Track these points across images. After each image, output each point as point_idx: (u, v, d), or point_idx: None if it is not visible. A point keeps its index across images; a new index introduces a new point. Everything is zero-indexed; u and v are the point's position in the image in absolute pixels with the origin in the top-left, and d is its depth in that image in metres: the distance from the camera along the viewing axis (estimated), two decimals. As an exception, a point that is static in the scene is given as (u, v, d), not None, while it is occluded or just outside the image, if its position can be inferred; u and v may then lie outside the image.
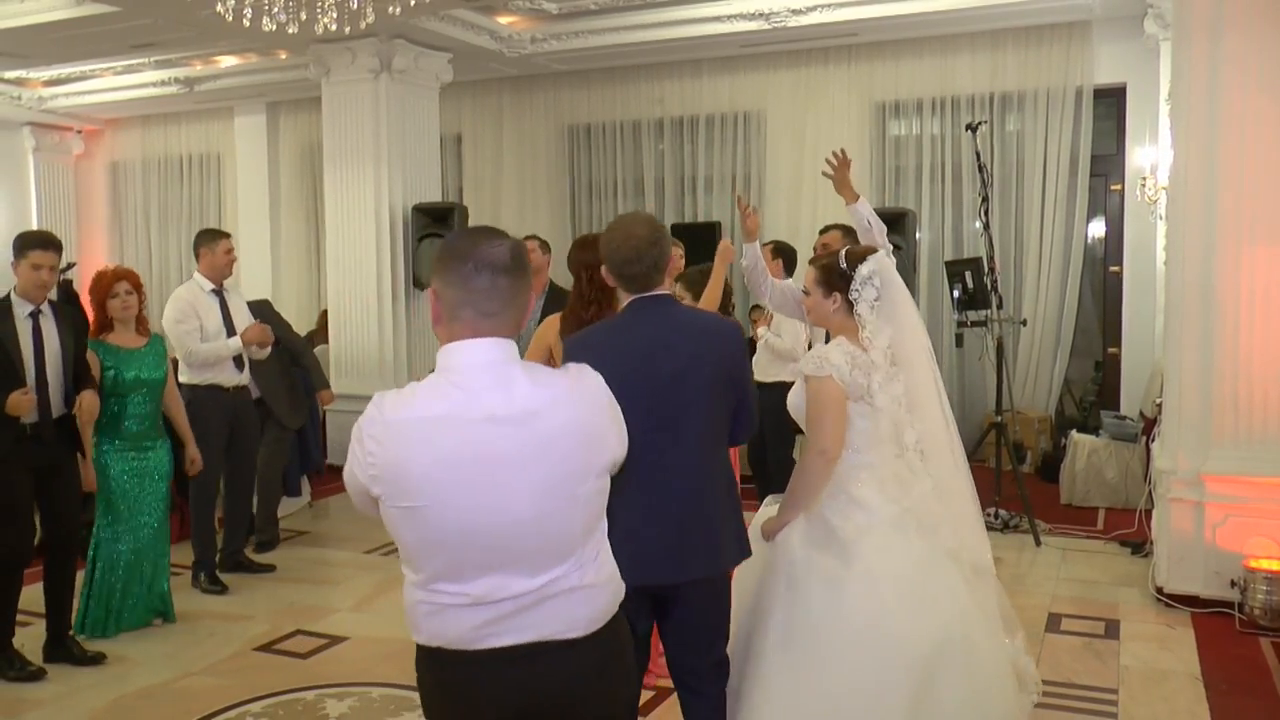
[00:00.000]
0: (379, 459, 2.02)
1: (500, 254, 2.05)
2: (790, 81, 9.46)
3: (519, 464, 2.01)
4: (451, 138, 10.58)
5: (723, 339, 3.06)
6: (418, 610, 2.10)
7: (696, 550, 2.99)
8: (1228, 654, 4.80)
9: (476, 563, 2.03)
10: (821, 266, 3.40)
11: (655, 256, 3.00)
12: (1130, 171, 8.46)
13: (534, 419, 2.03)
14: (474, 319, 2.05)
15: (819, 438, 3.23)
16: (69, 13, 7.73)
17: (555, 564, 2.08)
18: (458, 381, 2.03)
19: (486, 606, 2.04)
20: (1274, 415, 5.16)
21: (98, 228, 12.89)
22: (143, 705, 4.42)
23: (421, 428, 2.01)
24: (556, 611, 2.08)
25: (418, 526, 2.02)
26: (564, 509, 2.07)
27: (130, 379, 5.06)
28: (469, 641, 2.06)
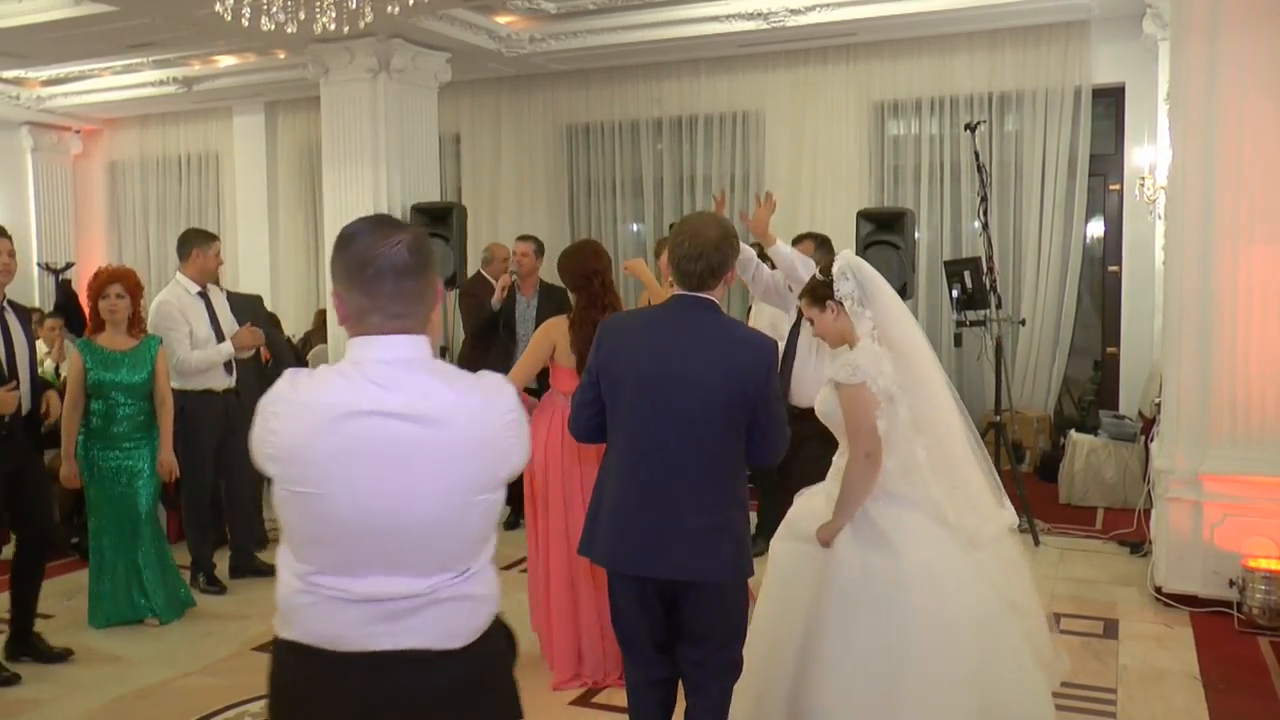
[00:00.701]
0: (279, 438, 1.95)
1: (400, 255, 1.98)
2: (789, 81, 9.46)
3: (425, 465, 1.95)
4: (450, 137, 10.57)
5: (748, 355, 3.01)
6: (295, 602, 2.00)
7: (669, 548, 3.00)
8: (1226, 653, 4.80)
9: (367, 559, 1.96)
10: (805, 292, 3.62)
11: (716, 261, 3.04)
12: (1129, 171, 8.46)
13: (445, 422, 1.97)
14: (382, 323, 1.99)
15: (862, 441, 3.35)
16: (67, 12, 7.72)
17: (445, 569, 2.00)
18: (371, 375, 1.97)
19: (371, 605, 1.96)
20: (1272, 415, 5.16)
21: (96, 228, 12.88)
22: (140, 705, 4.41)
23: (325, 414, 1.94)
24: (440, 618, 2.00)
25: (310, 514, 1.95)
26: (463, 515, 2.01)
27: (110, 381, 5.09)
28: (345, 641, 1.97)
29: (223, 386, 5.86)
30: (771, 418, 3.04)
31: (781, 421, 3.09)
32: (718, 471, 3.02)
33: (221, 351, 5.78)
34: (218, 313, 5.89)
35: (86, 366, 5.07)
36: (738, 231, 3.21)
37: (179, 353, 5.64)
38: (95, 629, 5.19)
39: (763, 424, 3.03)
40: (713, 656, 3.13)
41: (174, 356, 5.62)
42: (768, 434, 3.06)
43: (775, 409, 3.06)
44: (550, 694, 4.37)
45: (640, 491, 3.03)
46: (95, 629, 5.19)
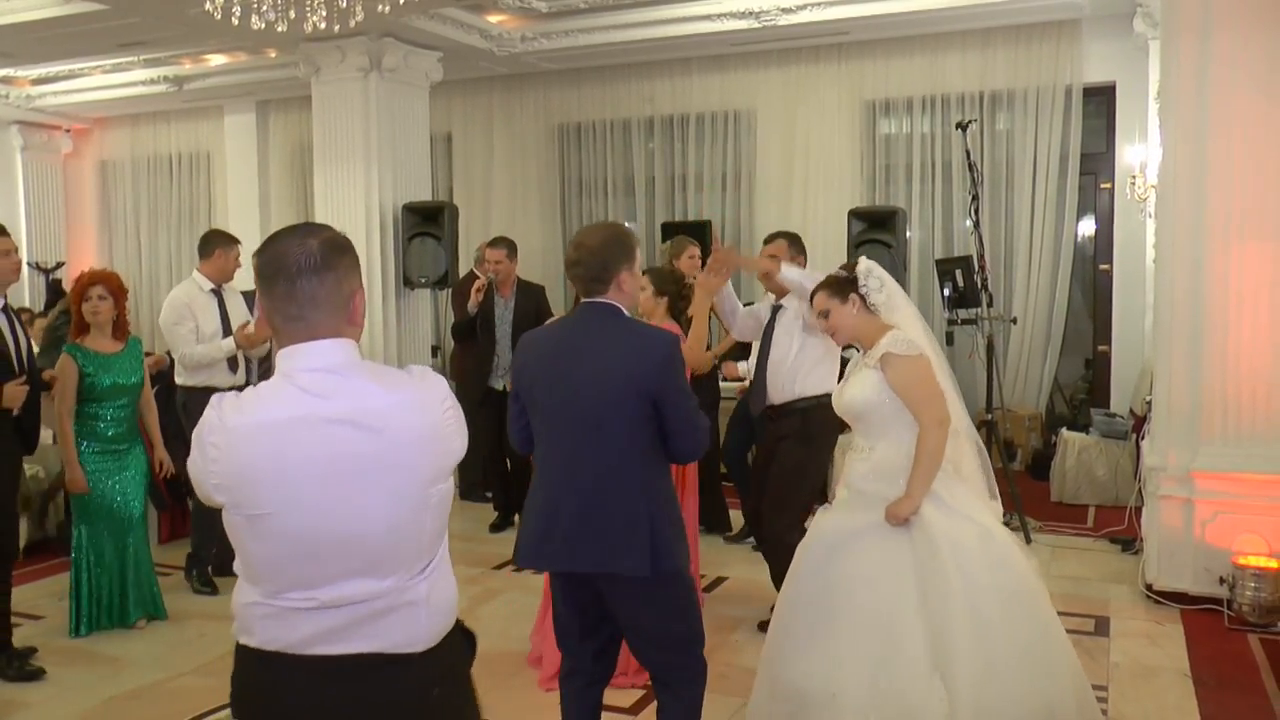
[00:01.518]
0: (222, 467, 1.92)
1: (296, 258, 1.96)
2: (780, 80, 9.46)
3: (370, 469, 1.92)
4: (441, 136, 10.56)
5: (642, 351, 3.05)
6: (253, 612, 1.98)
7: (589, 545, 3.05)
8: (1217, 650, 4.82)
9: (326, 570, 1.94)
10: (825, 284, 3.68)
11: (596, 267, 3.11)
12: (1120, 169, 8.48)
13: (383, 422, 1.94)
14: (282, 324, 1.97)
15: (932, 409, 3.45)
16: (57, 10, 7.69)
17: (404, 570, 1.99)
18: (302, 384, 1.94)
19: (333, 611, 1.95)
20: (1262, 412, 5.18)
21: (87, 227, 12.85)
22: (133, 706, 4.41)
23: (266, 433, 1.91)
24: (397, 624, 1.99)
25: (265, 536, 1.93)
26: (416, 514, 2.00)
27: (108, 385, 5.06)
28: (300, 646, 1.96)
29: (227, 384, 5.86)
30: (678, 410, 3.05)
31: (690, 413, 3.08)
32: (629, 468, 3.05)
33: (222, 348, 5.80)
34: (229, 311, 5.95)
35: (85, 372, 5.02)
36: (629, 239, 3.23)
37: (183, 347, 5.72)
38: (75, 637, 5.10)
39: (670, 417, 3.05)
40: (652, 654, 3.19)
41: (178, 351, 5.73)
42: (679, 427, 3.07)
43: (680, 401, 3.06)
44: (539, 694, 4.37)
45: (557, 491, 3.12)
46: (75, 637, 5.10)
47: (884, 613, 3.39)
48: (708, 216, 9.68)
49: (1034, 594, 3.45)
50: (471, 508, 7.05)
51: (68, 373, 5.03)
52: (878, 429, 3.55)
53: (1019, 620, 3.37)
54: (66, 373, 5.03)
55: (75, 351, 5.06)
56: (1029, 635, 3.38)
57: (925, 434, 3.42)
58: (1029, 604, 3.42)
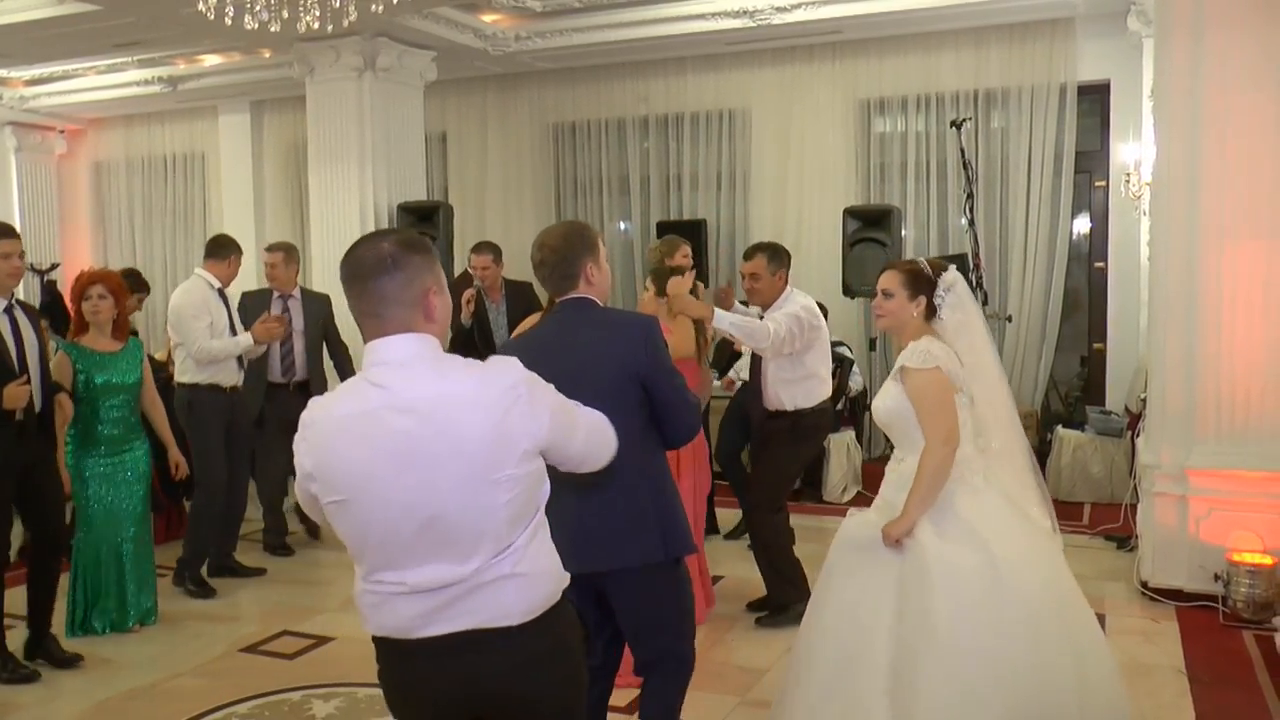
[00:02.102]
0: (308, 457, 2.13)
1: (371, 257, 2.14)
2: (775, 79, 9.45)
3: (433, 456, 2.06)
4: (436, 136, 10.54)
5: (622, 335, 3.09)
6: (364, 601, 2.19)
7: (596, 542, 3.04)
8: (1211, 647, 4.83)
9: (408, 553, 2.10)
10: (907, 271, 3.56)
11: (560, 265, 3.14)
12: (1114, 168, 8.48)
13: (437, 411, 2.07)
14: (363, 321, 2.16)
15: (939, 428, 3.34)
16: (50, 11, 7.68)
17: (482, 552, 2.11)
18: (373, 377, 2.11)
19: (424, 595, 2.11)
20: (1256, 409, 5.19)
21: (81, 228, 12.81)
22: (129, 706, 4.40)
23: (341, 424, 2.10)
24: (489, 600, 2.12)
25: (348, 520, 2.12)
26: (484, 498, 2.09)
27: (101, 383, 5.04)
28: (407, 630, 2.14)
29: (229, 383, 5.94)
30: (668, 388, 3.08)
31: (679, 390, 3.11)
32: (628, 457, 2.96)
33: (239, 343, 5.89)
34: (232, 311, 6.07)
35: (79, 369, 5.01)
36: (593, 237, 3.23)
37: (200, 341, 5.77)
38: (71, 638, 5.08)
39: (661, 397, 3.07)
40: (653, 651, 3.18)
41: (193, 345, 5.76)
42: (670, 405, 3.09)
43: (668, 379, 3.09)
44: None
45: (566, 493, 3.04)
46: (71, 638, 5.08)
47: (851, 645, 3.35)
48: (702, 216, 9.67)
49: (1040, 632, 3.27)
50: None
51: (61, 371, 5.00)
52: (907, 440, 3.50)
53: (1016, 654, 3.22)
54: (60, 371, 5.00)
55: (71, 350, 5.05)
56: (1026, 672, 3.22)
57: (928, 451, 3.36)
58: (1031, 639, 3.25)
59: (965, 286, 3.60)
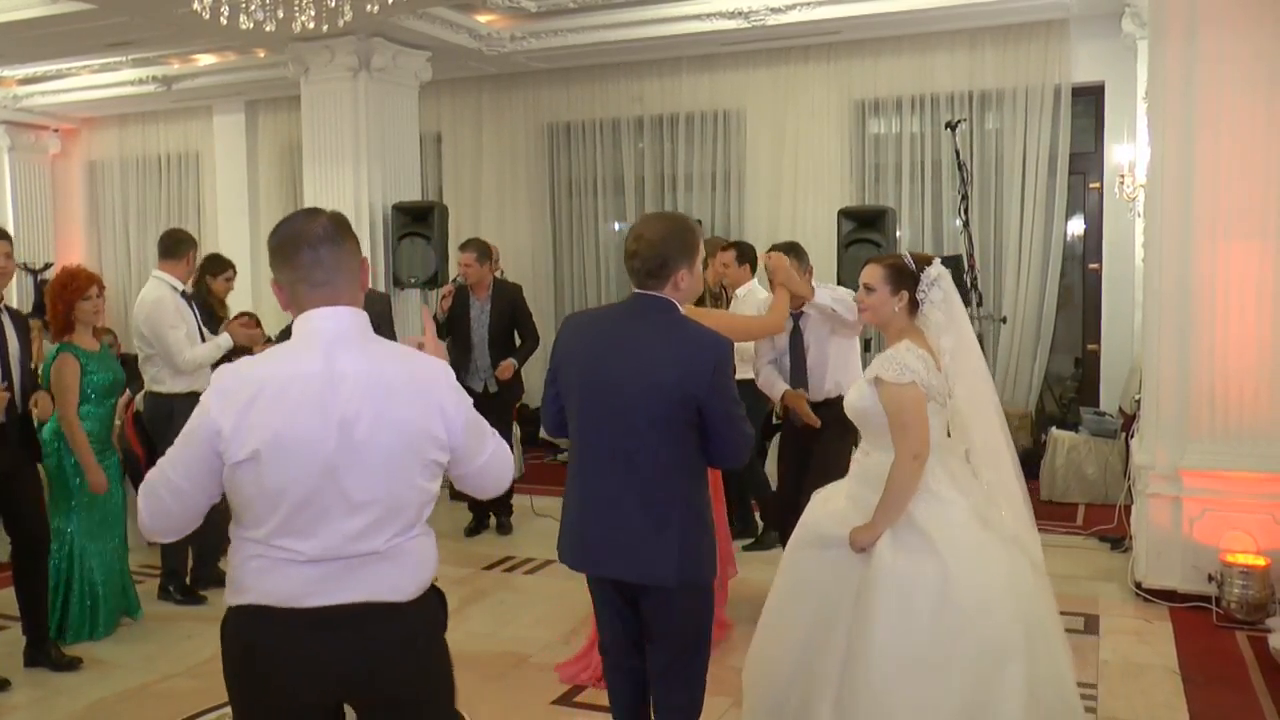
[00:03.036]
0: (226, 416, 2.08)
1: (315, 229, 2.20)
2: (770, 80, 9.46)
3: (373, 429, 2.11)
4: (431, 136, 10.53)
5: (692, 354, 2.95)
6: (249, 567, 2.15)
7: (617, 549, 3.01)
8: (1205, 647, 4.84)
9: (322, 518, 2.11)
10: (889, 265, 3.49)
11: (654, 261, 3.00)
12: (1109, 169, 8.50)
13: (388, 384, 2.15)
14: (309, 291, 2.19)
15: (910, 443, 3.29)
16: (44, 10, 7.66)
17: (395, 526, 2.18)
18: (313, 343, 2.16)
19: (325, 563, 2.12)
20: (1249, 410, 5.20)
21: (75, 228, 12.78)
22: (122, 707, 4.39)
23: (282, 386, 2.10)
24: (388, 572, 2.17)
25: (262, 480, 2.09)
26: (416, 477, 2.18)
27: (99, 382, 5.00)
28: (297, 598, 2.12)
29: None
30: (723, 417, 2.97)
31: (736, 421, 2.99)
32: (665, 472, 2.98)
33: (220, 346, 5.63)
34: (197, 314, 5.80)
35: (89, 369, 4.94)
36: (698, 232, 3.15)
37: (184, 351, 5.49)
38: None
39: (714, 424, 2.97)
40: (673, 664, 3.14)
41: (179, 356, 5.47)
42: (721, 434, 2.99)
43: (726, 408, 2.97)
44: (533, 695, 4.37)
45: (591, 492, 3.06)
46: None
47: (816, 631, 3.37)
48: (698, 216, 9.66)
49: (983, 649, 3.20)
50: (460, 507, 7.04)
51: (72, 371, 4.90)
52: (874, 437, 3.49)
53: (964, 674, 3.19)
54: (71, 371, 4.90)
55: (74, 350, 4.96)
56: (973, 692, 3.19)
57: (897, 465, 3.30)
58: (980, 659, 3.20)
59: (950, 281, 3.50)
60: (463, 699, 4.35)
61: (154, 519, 2.18)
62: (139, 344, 5.62)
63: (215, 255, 6.92)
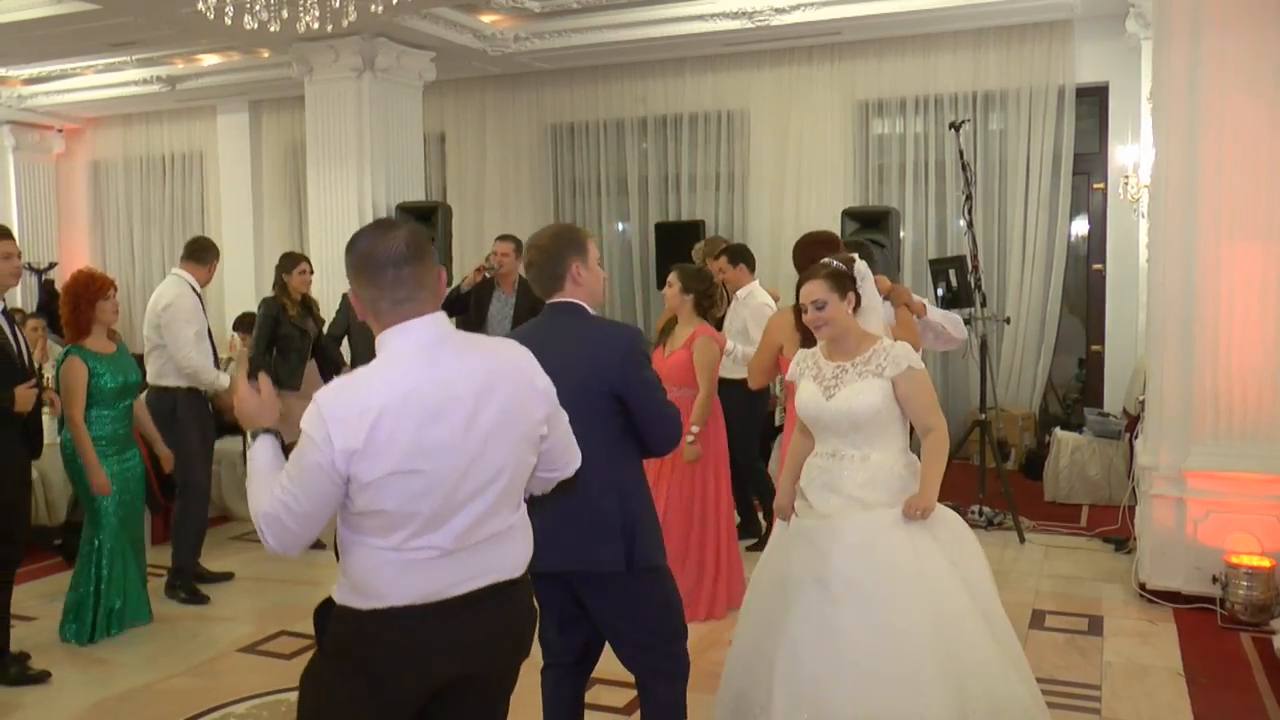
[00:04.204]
0: (357, 434, 2.11)
1: (397, 246, 2.23)
2: (773, 80, 9.47)
3: (492, 420, 2.22)
4: (435, 136, 10.55)
5: (603, 346, 3.09)
6: (386, 571, 2.22)
7: (563, 543, 3.05)
8: (1209, 649, 4.83)
9: (457, 512, 2.20)
10: (828, 276, 3.51)
11: (548, 265, 3.15)
12: (1113, 170, 8.50)
13: (495, 377, 2.26)
14: (392, 309, 2.23)
15: (938, 417, 3.50)
16: (49, 10, 7.68)
17: (515, 504, 2.34)
18: (411, 356, 2.21)
19: (458, 553, 2.22)
20: (1253, 411, 5.19)
21: (79, 227, 12.81)
22: (126, 707, 4.39)
23: (397, 402, 2.14)
24: (507, 552, 2.32)
25: (402, 493, 2.15)
26: (528, 455, 2.34)
27: (112, 386, 4.97)
28: (439, 592, 2.22)
29: (211, 382, 5.86)
30: (644, 402, 3.10)
31: (658, 404, 3.13)
32: (597, 464, 2.98)
33: (217, 380, 5.79)
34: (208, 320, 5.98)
35: (94, 374, 4.92)
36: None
37: (191, 350, 5.62)
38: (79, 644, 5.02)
39: (637, 411, 3.09)
40: (631, 650, 3.18)
41: (181, 351, 5.59)
42: (648, 419, 3.11)
43: (644, 392, 3.10)
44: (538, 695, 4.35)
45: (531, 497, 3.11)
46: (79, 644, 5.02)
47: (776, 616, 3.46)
48: (701, 216, 9.69)
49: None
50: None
51: (78, 375, 4.90)
52: (875, 437, 3.48)
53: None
54: (77, 375, 4.90)
55: (82, 354, 4.93)
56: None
57: (940, 435, 3.48)
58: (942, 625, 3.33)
59: (866, 268, 3.67)
60: (466, 699, 4.36)
61: (282, 545, 2.29)
62: (150, 334, 5.71)
63: (288, 253, 7.08)
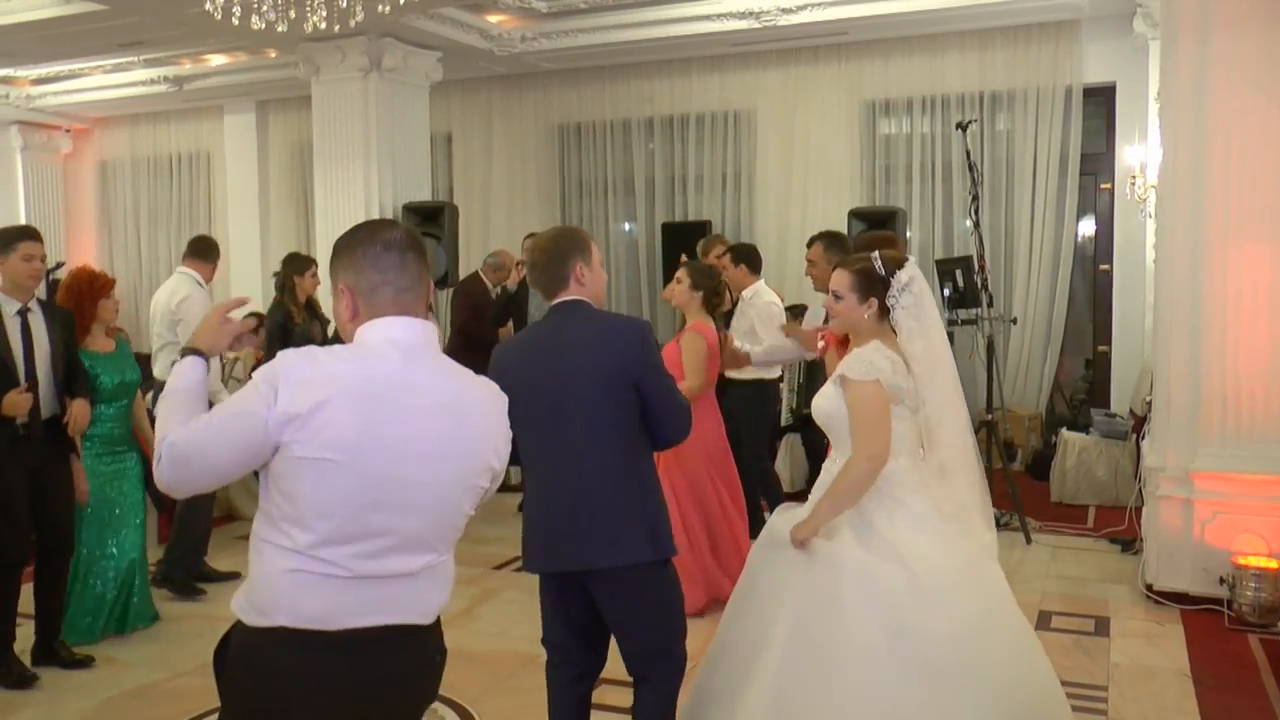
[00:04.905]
0: (304, 403, 1.94)
1: (400, 235, 2.15)
2: (780, 80, 9.47)
3: (446, 447, 2.07)
4: (441, 136, 10.56)
5: (616, 338, 3.10)
6: (288, 580, 2.00)
7: (586, 540, 3.06)
8: (1216, 650, 4.82)
9: (372, 535, 2.01)
10: (857, 271, 3.33)
11: (551, 266, 3.16)
12: (1120, 170, 8.48)
13: (459, 406, 2.11)
14: (394, 296, 2.10)
15: (867, 444, 3.18)
16: (57, 10, 7.69)
17: (437, 550, 2.12)
18: (389, 350, 2.06)
19: (360, 582, 2.01)
20: (1261, 412, 5.18)
21: (86, 227, 12.84)
22: (133, 705, 4.40)
23: (362, 385, 1.99)
24: (419, 594, 2.11)
25: (326, 481, 1.96)
26: (464, 500, 2.14)
27: (110, 385, 4.98)
28: (330, 620, 2.00)
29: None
30: (658, 389, 3.10)
31: (671, 392, 3.13)
32: (616, 458, 3.07)
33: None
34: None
35: (95, 371, 4.92)
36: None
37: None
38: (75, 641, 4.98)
39: (651, 398, 3.09)
40: (642, 649, 3.17)
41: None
42: (661, 410, 3.11)
43: (659, 380, 3.11)
44: (543, 694, 4.35)
45: (553, 493, 3.13)
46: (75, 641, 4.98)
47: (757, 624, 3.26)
48: (707, 216, 9.69)
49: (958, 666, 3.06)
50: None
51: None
52: (843, 443, 3.34)
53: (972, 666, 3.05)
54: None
55: (79, 353, 4.90)
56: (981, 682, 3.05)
57: (851, 463, 3.19)
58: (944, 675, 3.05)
59: (923, 284, 3.33)
60: (472, 698, 4.37)
61: (174, 480, 2.04)
62: (162, 331, 5.70)
63: (295, 254, 7.02)
